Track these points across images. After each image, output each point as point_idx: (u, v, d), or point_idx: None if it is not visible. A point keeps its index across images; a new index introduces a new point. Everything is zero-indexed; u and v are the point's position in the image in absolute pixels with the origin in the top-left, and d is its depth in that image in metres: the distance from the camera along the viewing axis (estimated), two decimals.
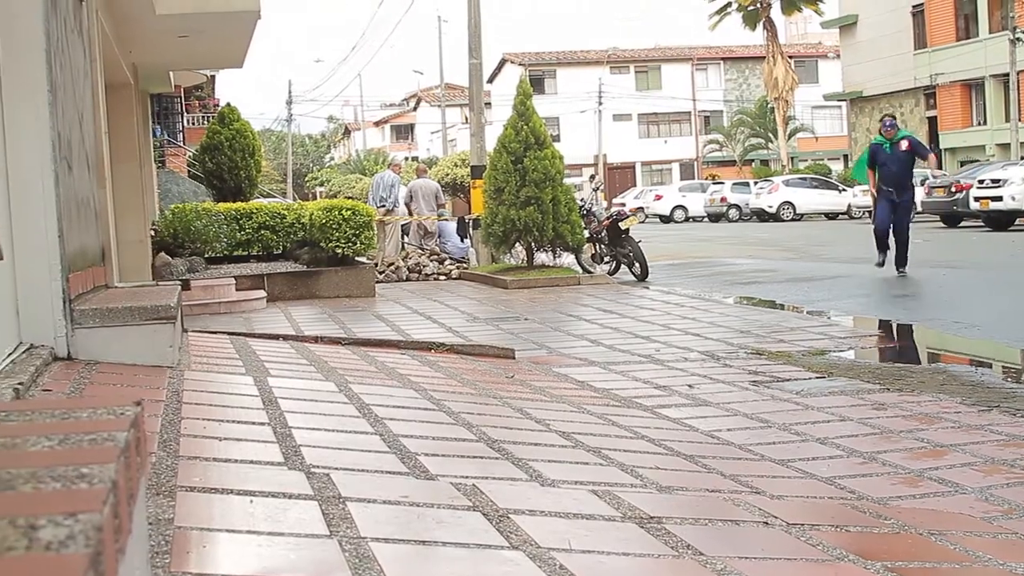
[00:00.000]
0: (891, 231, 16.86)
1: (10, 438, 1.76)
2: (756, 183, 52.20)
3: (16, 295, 5.41)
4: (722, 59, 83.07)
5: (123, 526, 1.46)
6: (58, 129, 5.77)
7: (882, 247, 16.84)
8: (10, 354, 4.99)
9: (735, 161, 74.12)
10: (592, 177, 33.73)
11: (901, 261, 16.80)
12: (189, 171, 31.35)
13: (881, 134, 17.24)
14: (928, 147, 18.21)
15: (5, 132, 5.48)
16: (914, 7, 55.58)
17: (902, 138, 17.05)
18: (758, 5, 60.92)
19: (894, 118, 17.51)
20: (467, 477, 3.95)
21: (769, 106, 66.10)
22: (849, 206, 46.58)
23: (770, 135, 70.22)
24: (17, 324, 5.45)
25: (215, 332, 9.28)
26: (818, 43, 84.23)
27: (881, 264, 16.76)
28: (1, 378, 4.00)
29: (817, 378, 7.70)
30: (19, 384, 4.23)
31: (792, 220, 46.68)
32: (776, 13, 61.95)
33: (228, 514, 3.06)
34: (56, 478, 1.44)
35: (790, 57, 64.71)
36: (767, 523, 3.71)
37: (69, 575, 1.10)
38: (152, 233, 15.74)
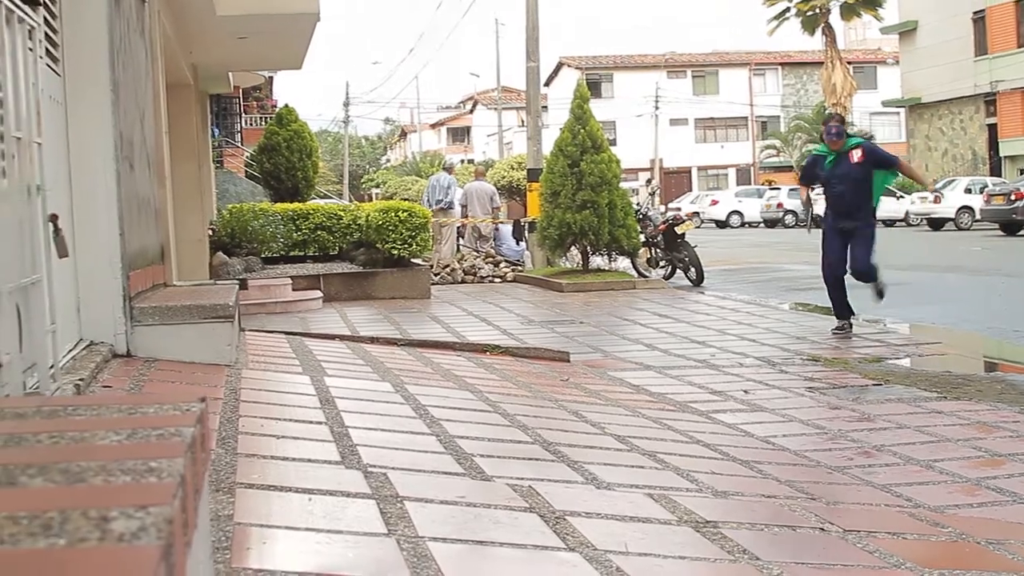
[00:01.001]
0: (847, 274, 11.43)
1: (79, 432, 1.78)
2: (813, 189, 51.91)
3: (77, 293, 5.47)
4: (780, 64, 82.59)
5: (190, 520, 1.48)
6: (120, 128, 5.83)
7: (841, 306, 11.25)
8: (71, 350, 5.05)
9: (792, 167, 73.50)
10: (648, 181, 33.62)
11: (876, 292, 11.54)
12: (246, 171, 31.55)
13: (823, 142, 11.63)
14: (890, 154, 11.93)
15: (69, 131, 5.54)
16: (975, 13, 55.03)
17: (853, 147, 11.24)
18: (817, 10, 60.46)
19: (841, 121, 11.64)
20: (523, 479, 3.96)
21: (827, 111, 65.71)
22: (907, 213, 46.16)
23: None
24: (78, 321, 5.51)
25: (272, 331, 9.34)
26: (877, 49, 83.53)
27: (844, 329, 10.97)
28: (62, 374, 4.04)
29: (874, 385, 7.64)
30: (80, 380, 4.28)
31: None
32: (835, 18, 61.47)
33: (287, 511, 3.09)
34: (125, 471, 1.46)
35: (849, 63, 64.19)
36: (823, 529, 3.69)
37: (142, 567, 1.12)
38: (210, 232, 15.85)
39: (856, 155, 11.15)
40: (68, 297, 5.21)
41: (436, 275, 18.86)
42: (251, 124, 39.12)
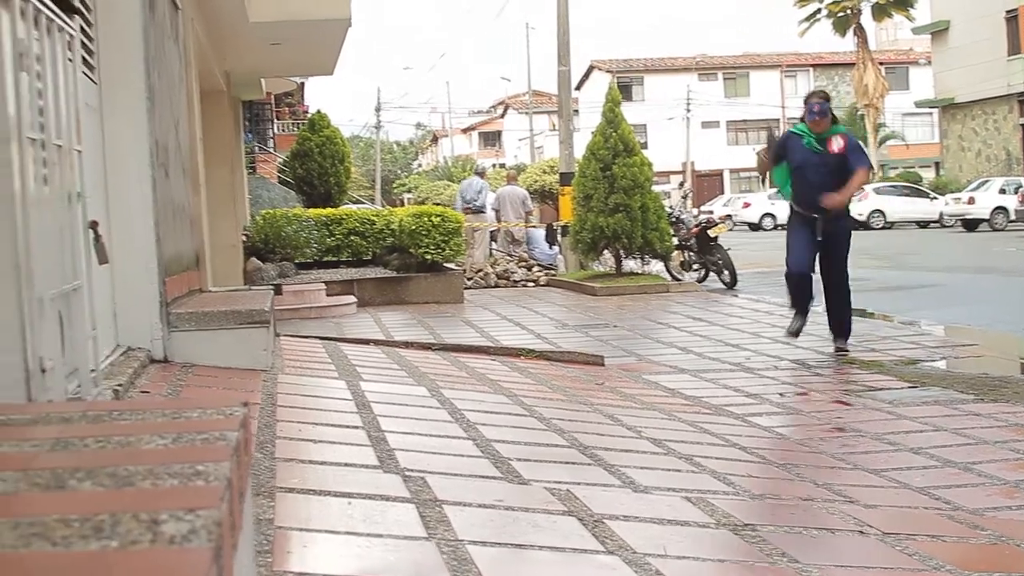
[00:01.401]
0: (816, 280, 10.02)
1: (124, 436, 1.80)
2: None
3: (114, 299, 5.50)
4: (811, 66, 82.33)
5: (236, 523, 1.49)
6: (155, 135, 5.87)
7: (801, 304, 10.02)
8: (108, 356, 5.08)
9: None
10: (681, 184, 33.57)
11: (839, 328, 9.88)
12: (279, 177, 31.67)
13: (804, 122, 10.07)
14: (867, 158, 10.30)
15: (104, 138, 5.58)
16: (1008, 12, 54.65)
17: (836, 134, 9.89)
18: (848, 11, 60.33)
19: (826, 99, 10.12)
20: (560, 482, 3.97)
21: (859, 113, 65.36)
22: (941, 214, 45.89)
23: (860, 142, 69.52)
24: (115, 327, 5.55)
25: (307, 336, 9.37)
26: (909, 49, 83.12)
27: (796, 332, 10.09)
28: (101, 379, 4.07)
29: (910, 388, 7.61)
30: (118, 386, 4.31)
31: (883, 228, 46.10)
32: (866, 19, 61.32)
33: (327, 515, 3.10)
34: (173, 475, 1.48)
35: (880, 63, 64.03)
36: (862, 532, 3.68)
37: (194, 569, 1.13)
38: (244, 238, 15.91)
39: (837, 143, 9.76)
40: (105, 303, 5.24)
41: (469, 279, 18.88)
42: (283, 130, 39.27)
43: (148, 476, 1.48)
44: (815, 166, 9.67)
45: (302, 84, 37.23)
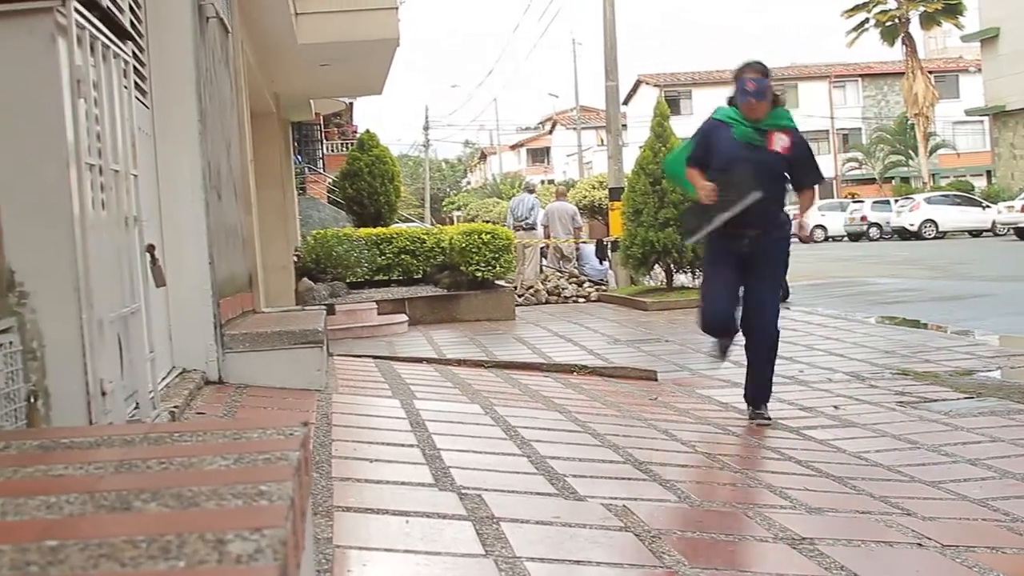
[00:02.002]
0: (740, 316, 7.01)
1: (187, 457, 1.82)
2: (897, 201, 51.21)
3: (169, 321, 5.55)
4: (860, 76, 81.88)
5: (299, 542, 1.50)
6: (208, 158, 5.92)
7: (721, 343, 7.29)
8: (164, 378, 5.12)
9: (875, 179, 72.87)
10: None
11: (760, 391, 7.03)
12: (329, 197, 31.79)
13: (735, 105, 7.16)
14: (819, 169, 7.40)
15: (157, 161, 5.63)
16: None
17: (780, 127, 7.02)
18: (896, 20, 59.98)
19: (765, 74, 7.13)
20: (616, 498, 3.97)
21: (909, 122, 64.93)
22: (993, 223, 45.47)
23: (910, 152, 68.96)
24: (170, 349, 5.60)
25: (360, 356, 9.41)
26: (959, 57, 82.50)
27: (720, 354, 7.40)
28: (158, 401, 4.10)
29: (966, 398, 7.54)
30: (175, 407, 4.35)
31: (935, 238, 45.74)
32: (915, 28, 60.93)
33: (385, 534, 3.12)
34: (236, 495, 1.49)
35: (930, 72, 63.53)
36: (921, 544, 3.66)
37: None
38: (295, 259, 16.00)
39: (781, 141, 6.86)
40: (160, 325, 5.29)
41: (520, 296, 18.88)
42: (332, 150, 39.44)
43: (212, 496, 1.49)
44: (748, 160, 6.70)
45: (351, 104, 37.39)
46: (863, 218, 50.97)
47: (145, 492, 1.54)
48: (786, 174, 6.89)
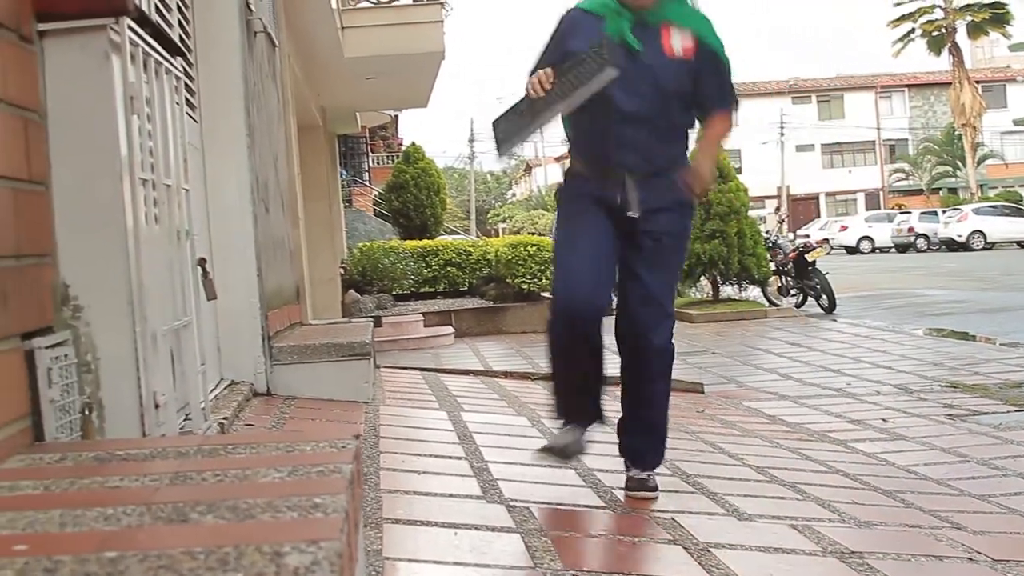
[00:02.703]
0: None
1: (241, 470, 1.84)
2: (944, 212, 50.84)
3: (217, 333, 5.59)
4: (906, 86, 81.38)
5: (353, 554, 1.52)
6: (256, 171, 5.97)
7: (579, 389, 4.60)
8: (213, 390, 5.15)
9: (922, 190, 72.42)
10: (777, 209, 33.30)
11: (645, 441, 4.57)
12: (375, 210, 31.91)
13: None
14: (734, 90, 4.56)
15: (206, 175, 5.68)
16: None
17: (678, 23, 4.35)
18: (943, 30, 59.64)
19: None
20: (664, 511, 3.96)
21: (956, 133, 64.52)
22: None
23: (958, 163, 68.54)
24: (219, 361, 5.63)
25: (406, 368, 9.43)
26: (1006, 67, 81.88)
27: (572, 452, 4.44)
28: (208, 413, 4.13)
29: (1016, 411, 7.49)
30: (224, 419, 4.38)
31: (983, 249, 45.32)
32: (961, 37, 60.55)
33: (434, 546, 3.13)
34: (291, 507, 1.51)
35: (977, 82, 63.11)
36: (971, 559, 3.64)
37: None
38: (341, 271, 16.06)
39: (679, 40, 4.37)
40: (209, 337, 5.32)
41: None
42: (378, 163, 39.58)
43: (267, 509, 1.51)
44: (630, 80, 4.24)
45: (396, 117, 37.51)
46: (910, 229, 50.63)
47: (201, 504, 1.56)
48: (686, 94, 4.35)
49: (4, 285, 2.09)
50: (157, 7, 4.65)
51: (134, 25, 2.70)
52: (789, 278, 18.76)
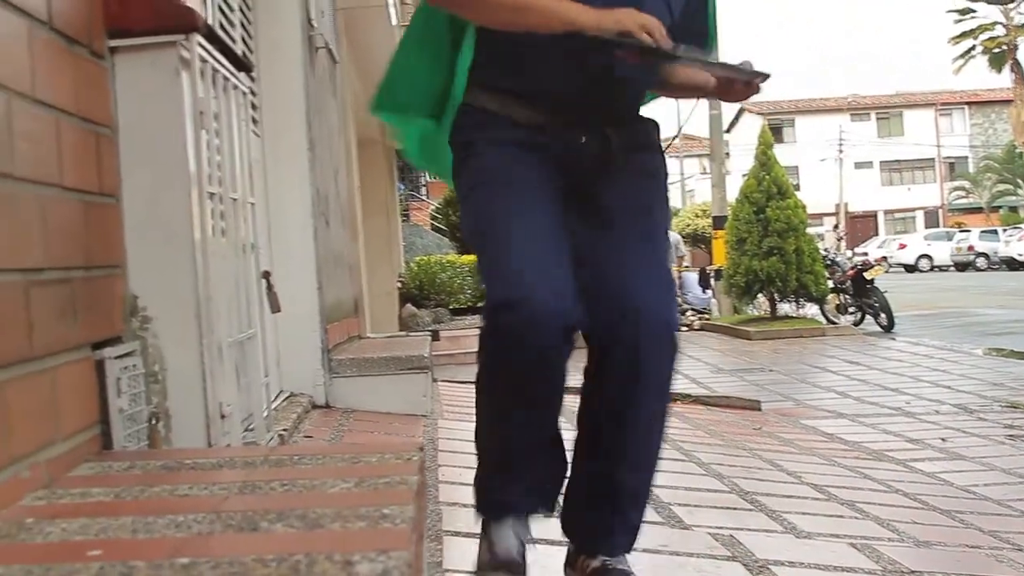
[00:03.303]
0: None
1: (309, 480, 1.87)
2: (1005, 230, 50.37)
3: (278, 345, 5.63)
4: (966, 103, 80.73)
5: (419, 565, 1.54)
6: (316, 185, 6.02)
7: (512, 442, 3.02)
8: (272, 402, 5.20)
9: (982, 208, 71.78)
10: (836, 226, 33.11)
11: (615, 524, 2.81)
12: (432, 224, 32.02)
13: None
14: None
15: (268, 189, 5.73)
16: None
17: None
18: (1004, 47, 59.13)
19: None
20: (723, 528, 3.96)
21: (1017, 151, 63.94)
22: None
23: (1018, 180, 67.92)
24: (278, 373, 5.68)
25: (463, 382, 9.45)
26: None
27: (514, 566, 2.74)
28: (271, 424, 4.17)
29: None
30: (283, 431, 4.42)
31: None
32: (1023, 54, 60.05)
33: None
34: (360, 517, 1.53)
35: None
36: None
37: None
38: (399, 285, 16.13)
39: None
40: (269, 349, 5.37)
41: None
42: (435, 178, 39.62)
43: (336, 518, 1.53)
44: None
45: None
46: (970, 248, 50.18)
47: (270, 513, 1.59)
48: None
49: (75, 296, 2.13)
50: (222, 23, 4.71)
51: (203, 41, 2.74)
52: (847, 296, 18.64)
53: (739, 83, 2.70)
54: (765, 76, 2.68)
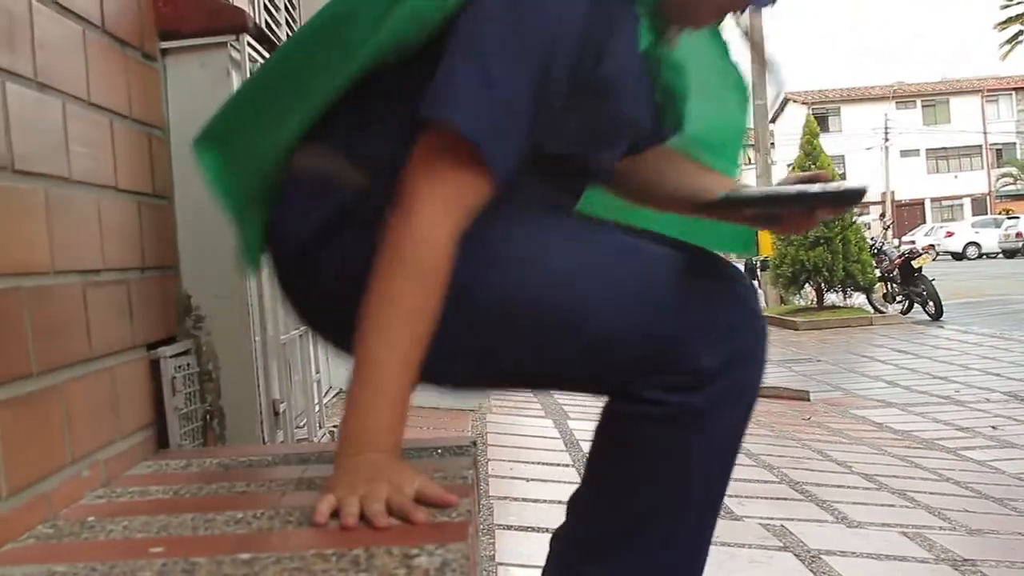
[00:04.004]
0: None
1: None
2: None
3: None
4: (1014, 89, 79.88)
5: (475, 558, 1.55)
6: None
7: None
8: (323, 398, 5.21)
9: None
10: (882, 215, 32.88)
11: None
12: None
13: None
14: None
15: None
16: None
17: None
18: None
19: None
20: (773, 518, 3.96)
21: None
22: None
23: None
24: (329, 370, 5.70)
25: None
26: None
27: None
28: (324, 420, 4.20)
29: None
30: (334, 427, 4.44)
31: None
32: None
33: (545, 552, 3.15)
34: (417, 511, 1.54)
35: None
36: None
37: None
38: None
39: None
40: (320, 346, 5.39)
41: None
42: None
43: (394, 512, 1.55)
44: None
45: None
46: (1018, 234, 49.72)
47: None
48: None
49: (131, 296, 2.16)
50: (267, 23, 4.74)
51: (252, 41, 2.76)
52: (895, 284, 18.54)
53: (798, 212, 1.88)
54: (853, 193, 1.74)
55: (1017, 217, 53.00)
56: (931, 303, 17.35)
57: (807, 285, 18.35)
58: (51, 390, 1.72)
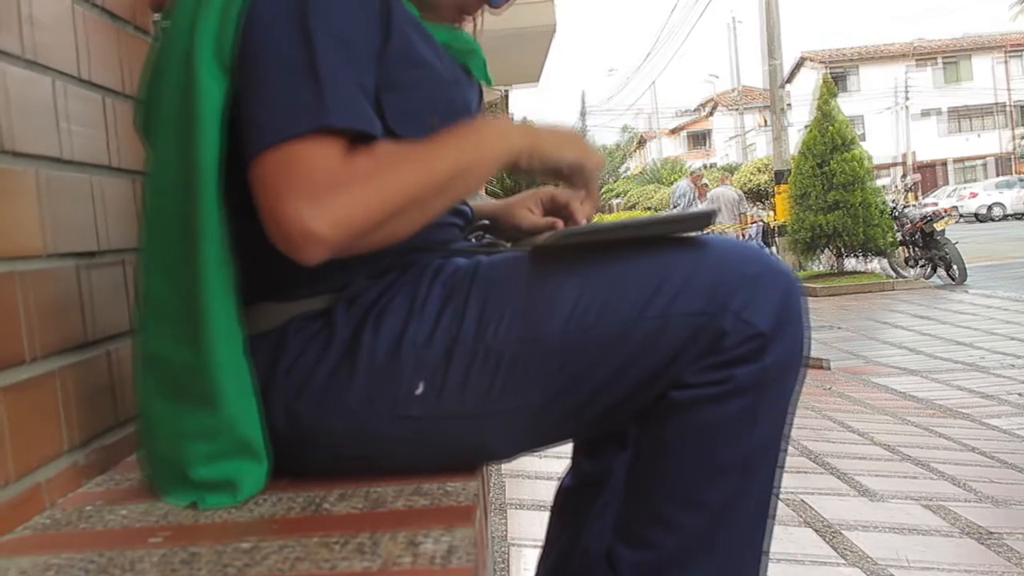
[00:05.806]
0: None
1: None
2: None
3: None
4: None
5: (483, 541, 1.52)
6: None
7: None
8: None
9: None
10: (903, 176, 32.71)
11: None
12: (487, 188, 32.03)
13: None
14: None
15: None
16: None
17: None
18: None
19: None
20: (792, 491, 3.92)
21: None
22: None
23: None
24: None
25: None
26: None
27: None
28: None
29: None
30: None
31: None
32: None
33: None
34: (422, 495, 1.51)
35: None
36: None
37: None
38: None
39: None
40: None
41: None
42: None
43: (399, 496, 1.52)
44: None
45: (506, 94, 37.53)
46: None
47: (332, 494, 1.57)
48: None
49: (127, 278, 2.12)
50: None
51: None
52: (916, 248, 18.43)
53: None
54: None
55: None
56: (954, 266, 17.24)
57: (825, 250, 18.27)
58: (47, 376, 1.69)
